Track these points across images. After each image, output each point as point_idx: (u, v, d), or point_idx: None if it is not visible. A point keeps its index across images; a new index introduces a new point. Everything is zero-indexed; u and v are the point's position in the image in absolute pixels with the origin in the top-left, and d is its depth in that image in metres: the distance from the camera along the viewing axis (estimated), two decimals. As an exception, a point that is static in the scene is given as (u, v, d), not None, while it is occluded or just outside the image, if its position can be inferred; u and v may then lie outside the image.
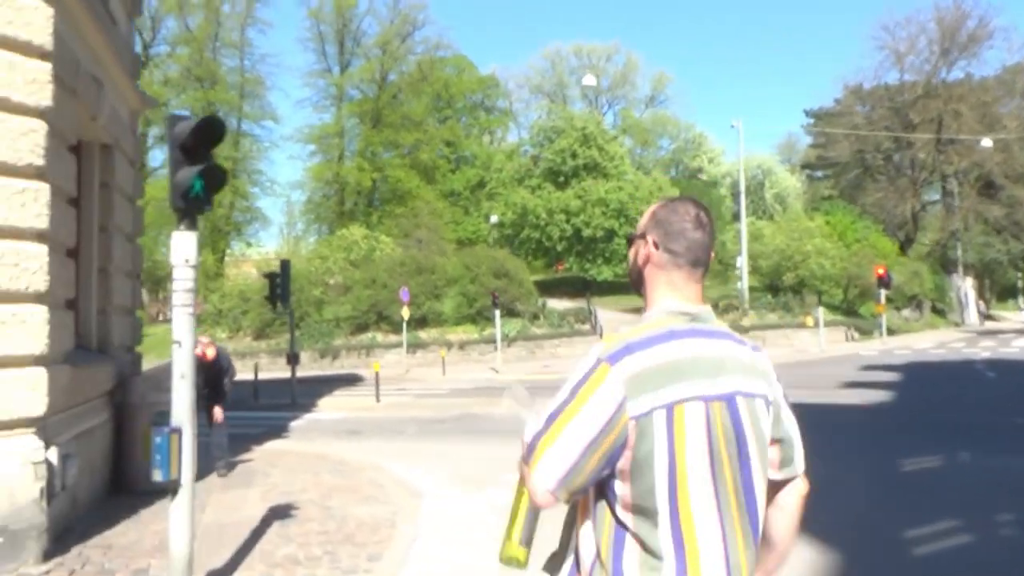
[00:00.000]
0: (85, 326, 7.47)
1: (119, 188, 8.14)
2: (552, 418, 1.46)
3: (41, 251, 5.46)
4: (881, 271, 26.86)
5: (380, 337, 31.27)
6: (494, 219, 42.49)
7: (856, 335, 32.85)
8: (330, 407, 16.26)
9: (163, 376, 7.53)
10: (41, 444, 5.41)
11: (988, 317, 53.87)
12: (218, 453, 8.86)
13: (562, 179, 43.19)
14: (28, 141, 5.33)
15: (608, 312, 32.96)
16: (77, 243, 6.75)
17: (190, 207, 4.56)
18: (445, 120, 53.76)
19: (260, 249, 49.57)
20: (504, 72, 61.38)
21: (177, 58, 46.59)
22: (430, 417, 14.02)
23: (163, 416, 7.08)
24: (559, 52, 61.20)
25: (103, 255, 7.85)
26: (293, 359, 17.18)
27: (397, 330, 31.67)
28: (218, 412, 8.89)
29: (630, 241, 1.71)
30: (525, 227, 41.69)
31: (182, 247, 4.54)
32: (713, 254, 1.65)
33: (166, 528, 4.63)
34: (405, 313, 25.28)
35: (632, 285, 1.73)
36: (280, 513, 6.91)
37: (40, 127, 5.41)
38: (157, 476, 4.39)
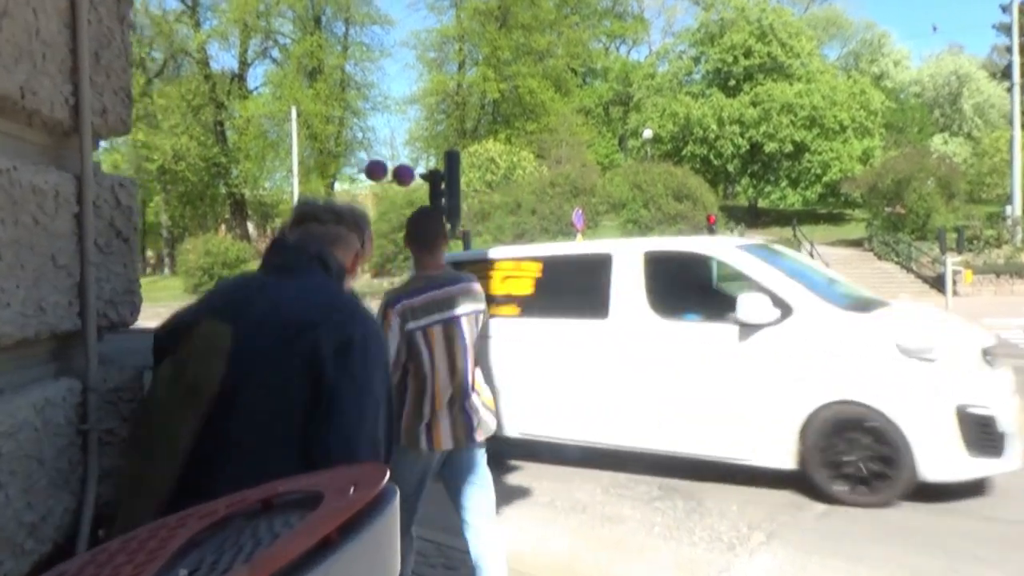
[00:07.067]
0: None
1: None
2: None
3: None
4: None
5: (529, 275, 25.14)
6: (648, 133, 35.17)
7: None
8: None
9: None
10: None
11: None
12: None
13: (733, 83, 35.38)
14: None
15: (817, 246, 25.58)
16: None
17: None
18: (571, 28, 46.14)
19: (346, 187, 42.48)
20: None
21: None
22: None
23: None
24: (706, -57, 51.97)
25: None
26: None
27: (548, 266, 25.55)
28: None
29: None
30: (688, 142, 34.34)
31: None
32: (440, 238, 3.03)
33: None
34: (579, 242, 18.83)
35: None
36: None
37: None
38: None
